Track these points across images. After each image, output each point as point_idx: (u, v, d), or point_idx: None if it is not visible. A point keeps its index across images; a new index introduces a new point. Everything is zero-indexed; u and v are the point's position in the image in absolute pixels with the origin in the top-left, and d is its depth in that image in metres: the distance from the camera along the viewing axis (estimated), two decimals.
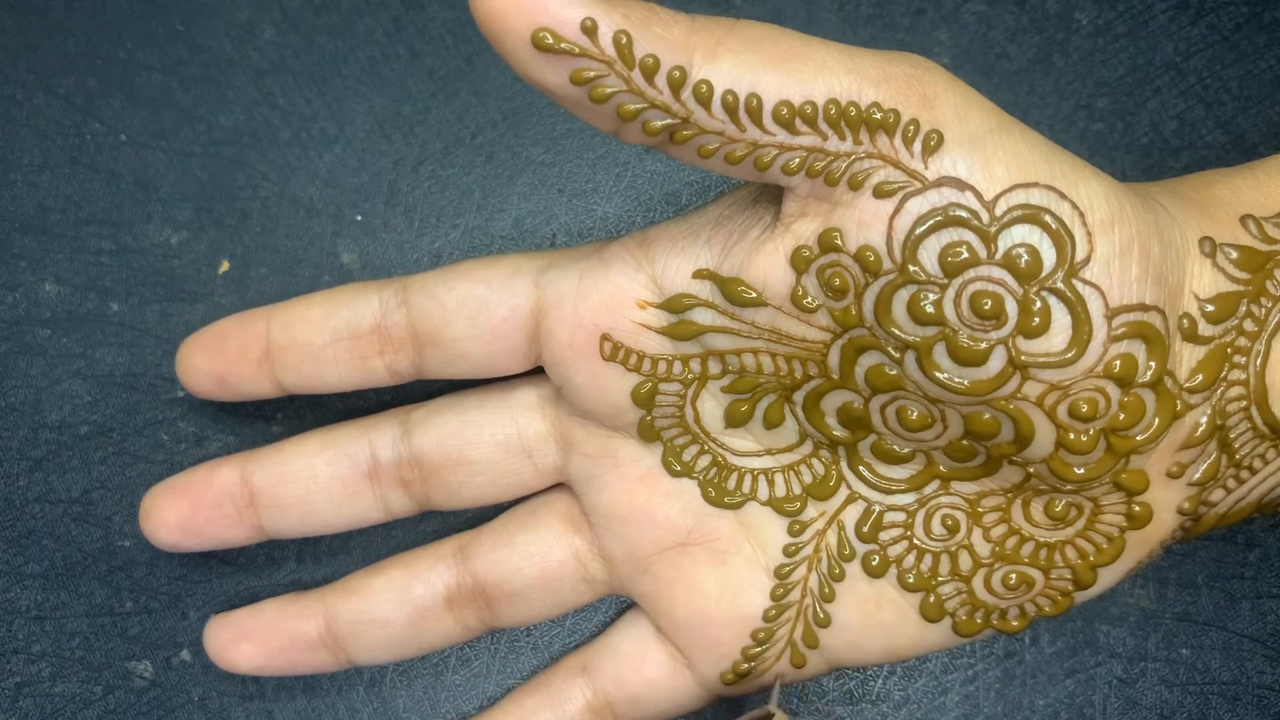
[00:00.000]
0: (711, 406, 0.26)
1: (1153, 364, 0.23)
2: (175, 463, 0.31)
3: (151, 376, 0.31)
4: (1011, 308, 0.22)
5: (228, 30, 0.31)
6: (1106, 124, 0.31)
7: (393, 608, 0.28)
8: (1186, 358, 0.23)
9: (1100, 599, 0.30)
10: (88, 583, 0.30)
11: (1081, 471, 0.24)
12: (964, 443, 0.24)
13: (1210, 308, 0.23)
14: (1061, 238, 0.22)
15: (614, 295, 0.25)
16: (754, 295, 0.24)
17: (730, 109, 0.21)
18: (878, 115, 0.22)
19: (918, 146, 0.22)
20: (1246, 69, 0.31)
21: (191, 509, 0.28)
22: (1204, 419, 0.24)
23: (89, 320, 0.31)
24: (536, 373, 0.28)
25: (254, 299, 0.31)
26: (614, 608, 0.31)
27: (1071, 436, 0.23)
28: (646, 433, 0.26)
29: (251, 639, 0.28)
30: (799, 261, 0.23)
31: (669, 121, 0.22)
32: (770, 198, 0.24)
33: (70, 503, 0.30)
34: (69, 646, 0.30)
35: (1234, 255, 0.24)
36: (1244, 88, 0.31)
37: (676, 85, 0.21)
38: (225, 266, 0.31)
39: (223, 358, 0.27)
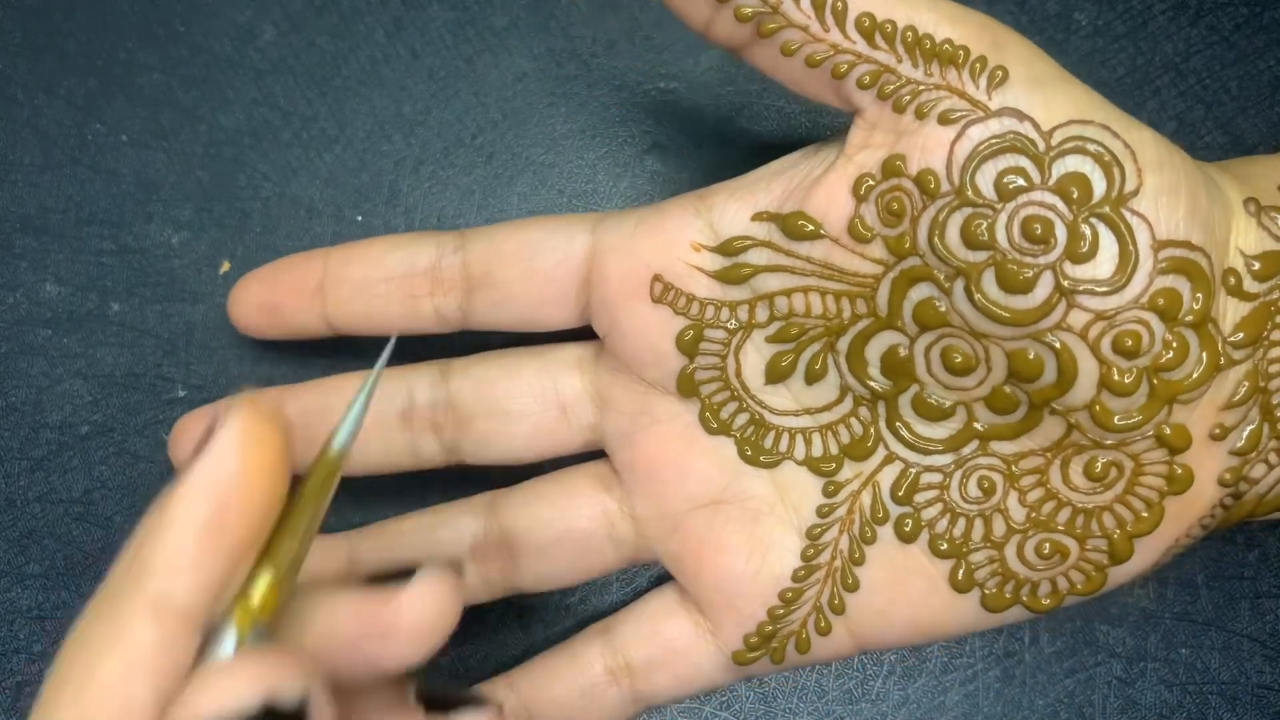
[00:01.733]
0: (754, 360, 0.26)
1: (1199, 297, 0.23)
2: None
3: (152, 376, 0.31)
4: (1061, 232, 0.23)
5: (228, 31, 0.31)
6: None
7: (417, 551, 0.28)
8: (1231, 313, 0.24)
9: (1100, 598, 0.30)
10: (88, 583, 0.30)
11: (1124, 420, 0.24)
12: (1006, 390, 0.25)
13: (1256, 265, 0.24)
14: (1112, 168, 0.23)
15: (669, 237, 0.26)
16: (812, 228, 0.24)
17: (818, 5, 0.23)
18: (949, 49, 0.23)
19: (984, 80, 0.23)
20: (1246, 70, 0.31)
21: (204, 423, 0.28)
22: (1246, 378, 0.24)
23: (90, 320, 0.31)
24: (578, 335, 0.28)
25: None
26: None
27: (1115, 375, 0.23)
28: (685, 386, 0.27)
29: None
30: (860, 189, 0.24)
31: (760, 9, 0.23)
32: (832, 145, 0.25)
33: (71, 503, 0.31)
34: None
35: None
36: (1243, 88, 0.31)
37: None
38: (226, 267, 0.31)
39: (277, 289, 0.28)
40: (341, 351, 0.31)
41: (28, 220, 0.31)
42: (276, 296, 0.28)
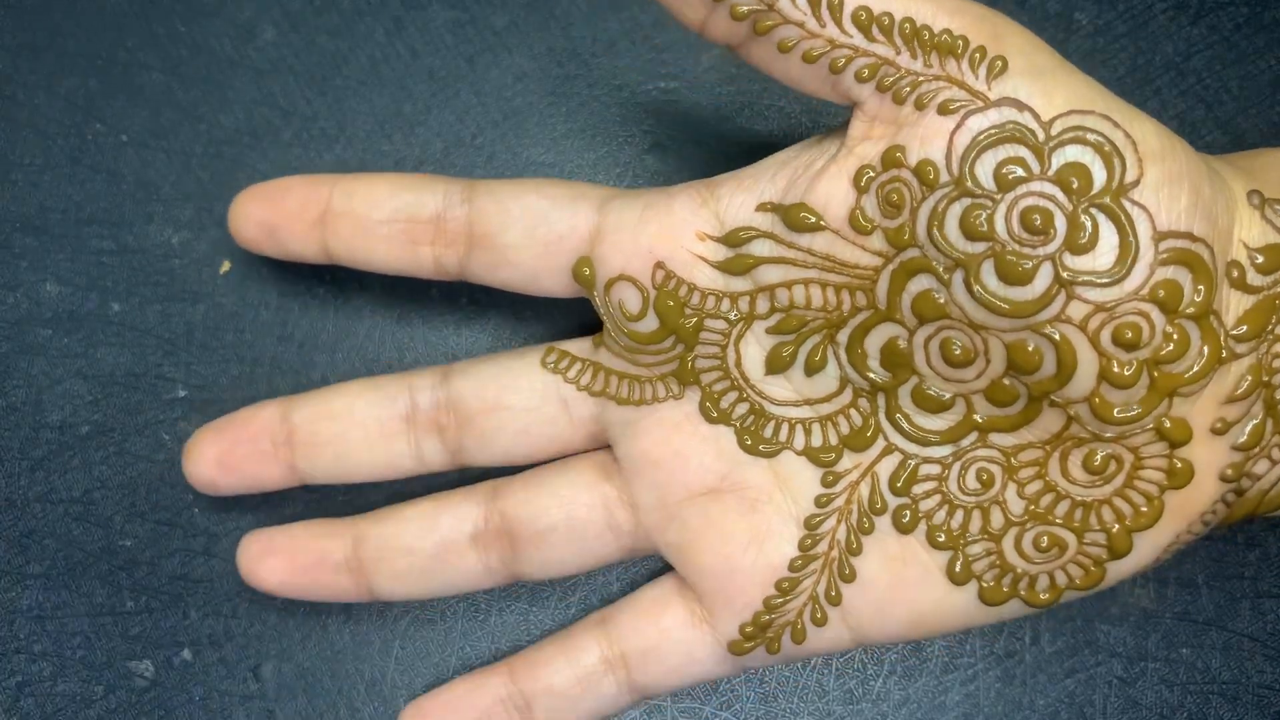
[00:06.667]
0: (754, 351, 0.26)
1: (1200, 290, 0.23)
2: (176, 463, 0.31)
3: (152, 376, 0.31)
4: (1060, 223, 0.23)
5: (228, 30, 0.31)
6: None
7: (419, 535, 0.28)
8: (1234, 306, 0.24)
9: (1100, 598, 0.31)
10: (89, 582, 0.30)
11: (1124, 413, 0.24)
12: (1005, 382, 0.25)
13: (1260, 258, 0.24)
14: (1112, 158, 0.23)
15: (675, 225, 0.26)
16: (814, 220, 0.25)
17: (814, 1, 0.23)
18: (948, 40, 0.23)
19: (983, 70, 0.23)
20: (1246, 69, 0.31)
21: (230, 444, 0.28)
22: (1249, 372, 0.24)
23: (90, 320, 0.31)
24: (577, 331, 0.28)
25: (255, 299, 0.31)
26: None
27: (1115, 367, 0.23)
28: (686, 374, 0.27)
29: (279, 554, 0.29)
30: (861, 181, 0.24)
31: (755, 6, 0.23)
32: (835, 136, 0.25)
33: (71, 502, 0.31)
34: (70, 646, 0.30)
35: None
36: (1244, 88, 0.31)
37: None
38: (226, 266, 0.31)
39: (279, 211, 0.28)
40: (342, 351, 0.31)
41: (28, 220, 0.31)
42: (277, 219, 0.28)
